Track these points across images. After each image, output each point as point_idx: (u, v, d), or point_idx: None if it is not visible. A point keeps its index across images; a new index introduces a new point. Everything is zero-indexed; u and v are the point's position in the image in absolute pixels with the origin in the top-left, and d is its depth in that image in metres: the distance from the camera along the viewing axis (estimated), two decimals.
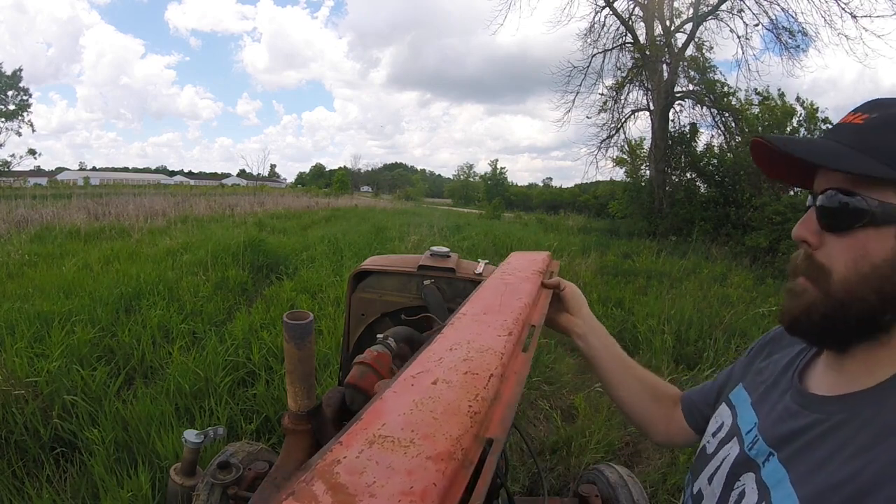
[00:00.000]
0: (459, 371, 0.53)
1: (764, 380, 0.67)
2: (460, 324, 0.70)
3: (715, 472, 0.63)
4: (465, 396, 0.47)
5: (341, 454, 0.38)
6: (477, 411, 0.45)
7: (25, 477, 2.06)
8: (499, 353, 0.59)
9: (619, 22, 14.67)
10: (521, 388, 0.55)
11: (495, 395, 0.50)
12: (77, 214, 10.88)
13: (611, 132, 15.60)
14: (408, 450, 0.39)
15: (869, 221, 0.48)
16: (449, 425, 0.43)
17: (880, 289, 0.48)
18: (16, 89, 31.64)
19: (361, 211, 21.15)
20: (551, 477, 2.35)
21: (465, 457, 0.40)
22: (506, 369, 0.56)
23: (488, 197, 39.22)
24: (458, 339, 0.63)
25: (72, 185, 37.88)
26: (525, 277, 0.95)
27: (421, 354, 0.59)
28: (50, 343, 3.06)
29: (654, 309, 4.92)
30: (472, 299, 0.83)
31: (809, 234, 0.54)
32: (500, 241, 10.01)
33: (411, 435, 0.41)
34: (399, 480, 0.35)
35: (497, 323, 0.69)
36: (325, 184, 67.99)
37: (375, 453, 0.38)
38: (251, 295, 5.03)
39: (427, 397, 0.47)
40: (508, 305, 0.78)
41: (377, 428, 0.42)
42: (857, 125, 0.51)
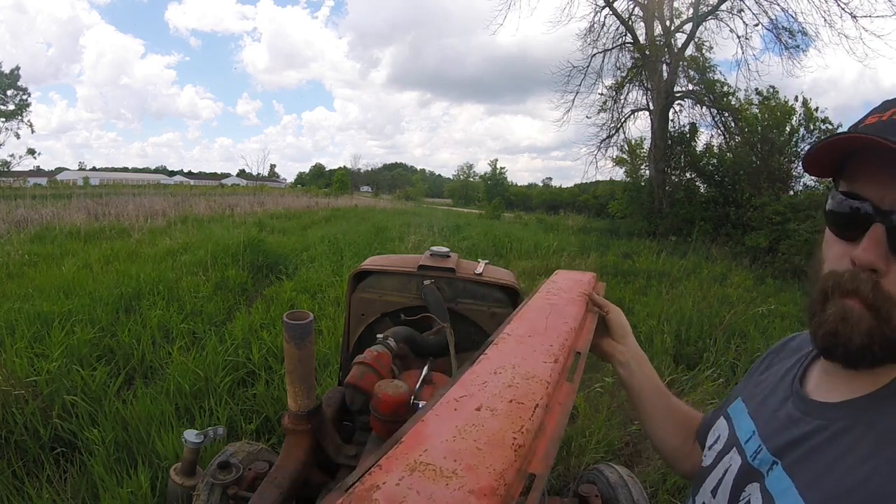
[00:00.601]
0: (504, 398, 0.52)
1: (761, 390, 0.66)
2: (505, 345, 0.68)
3: (718, 484, 0.62)
4: (510, 427, 0.46)
5: (381, 479, 0.37)
6: (521, 444, 0.44)
7: (25, 477, 2.06)
8: (545, 381, 0.57)
9: (618, 22, 14.67)
10: (565, 421, 0.53)
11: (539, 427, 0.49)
12: (77, 214, 10.87)
13: (610, 132, 15.61)
14: (450, 481, 0.37)
15: None
16: (493, 457, 0.41)
17: None
18: (15, 89, 31.63)
19: (361, 211, 21.14)
20: (551, 477, 2.35)
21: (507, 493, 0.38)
22: (551, 399, 0.55)
23: (488, 197, 39.22)
24: (503, 362, 0.61)
25: (71, 185, 37.83)
26: (571, 299, 0.92)
27: (464, 375, 0.57)
28: (50, 343, 3.06)
29: (655, 309, 4.92)
30: (517, 318, 0.81)
31: (879, 259, 0.46)
32: (499, 241, 10.01)
33: (454, 465, 0.39)
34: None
35: (543, 348, 0.67)
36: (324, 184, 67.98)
37: (416, 482, 0.37)
38: (251, 295, 5.03)
39: (471, 424, 0.46)
40: (554, 329, 0.76)
41: (418, 454, 0.41)
42: None
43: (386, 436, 0.87)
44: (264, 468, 1.33)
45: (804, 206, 10.07)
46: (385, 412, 0.91)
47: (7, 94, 31.23)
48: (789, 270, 8.79)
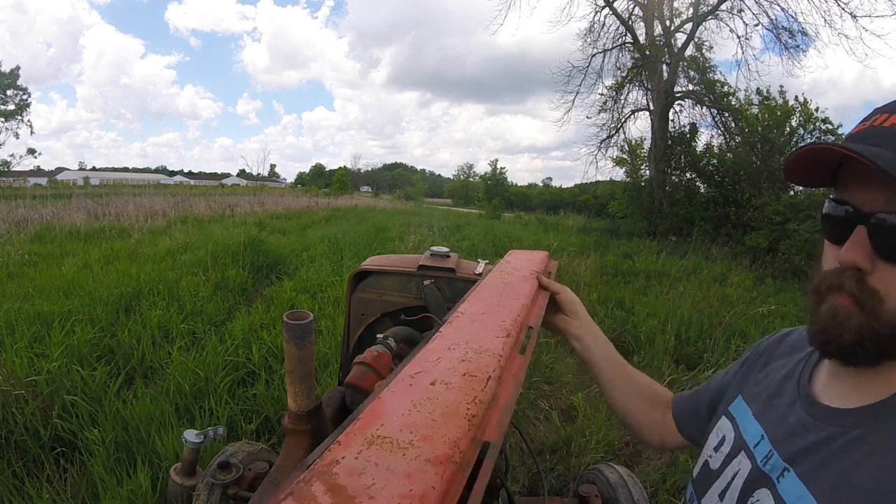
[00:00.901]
0: (458, 372, 0.53)
1: (763, 389, 0.65)
2: (459, 323, 0.70)
3: (726, 488, 0.61)
4: (464, 399, 0.47)
5: (340, 454, 0.38)
6: (475, 414, 0.45)
7: (25, 477, 2.06)
8: (497, 354, 0.59)
9: (618, 22, 14.68)
10: (517, 392, 0.55)
11: (493, 398, 0.50)
12: (77, 214, 10.87)
13: (611, 132, 15.62)
14: (406, 452, 0.39)
15: None
16: (447, 428, 0.43)
17: None
18: (14, 88, 31.63)
19: (361, 211, 21.14)
20: (551, 477, 2.35)
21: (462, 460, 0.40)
22: (503, 372, 0.56)
23: (488, 197, 39.25)
24: (457, 338, 0.63)
25: (71, 185, 37.85)
26: (523, 277, 0.95)
27: (419, 353, 0.59)
28: (50, 343, 3.06)
29: (655, 309, 4.92)
30: (471, 298, 0.83)
31: (862, 259, 0.48)
32: (499, 241, 10.01)
33: (410, 437, 0.41)
34: (398, 483, 0.35)
35: (495, 324, 0.69)
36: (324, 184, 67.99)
37: (374, 454, 0.38)
38: (251, 295, 5.03)
39: (425, 398, 0.47)
40: (507, 306, 0.78)
41: (376, 428, 0.42)
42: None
43: None
44: (264, 468, 1.33)
45: (804, 206, 10.07)
46: None
47: (7, 93, 31.22)
48: (789, 270, 8.79)
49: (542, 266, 1.06)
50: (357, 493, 0.34)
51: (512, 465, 2.26)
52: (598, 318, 4.59)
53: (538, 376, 3.34)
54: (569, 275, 6.64)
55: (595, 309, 4.88)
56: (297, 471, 0.37)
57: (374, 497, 0.34)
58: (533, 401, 3.07)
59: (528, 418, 2.88)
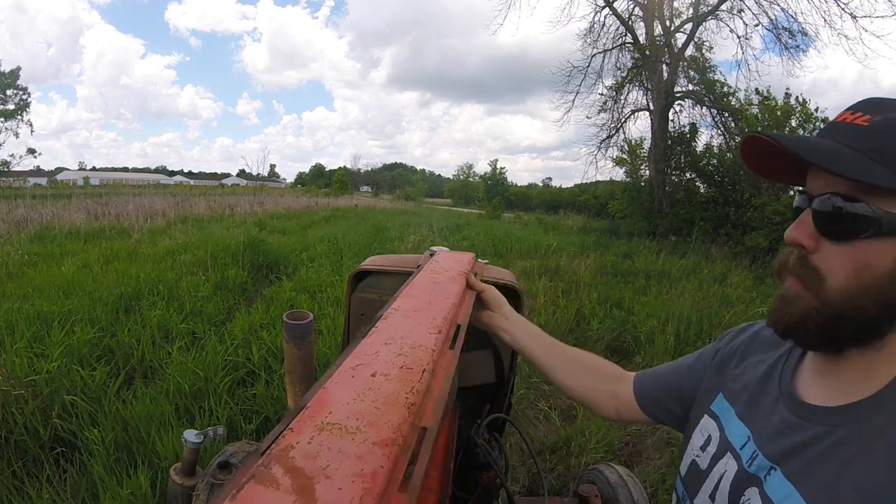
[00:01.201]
0: (396, 365, 0.58)
1: (744, 387, 0.66)
2: (393, 319, 0.75)
3: (715, 489, 0.62)
4: (403, 389, 0.52)
5: (294, 440, 0.41)
6: (413, 402, 0.49)
7: (25, 477, 2.06)
8: (430, 349, 0.63)
9: (618, 22, 14.68)
10: (449, 382, 0.60)
11: (427, 389, 0.55)
12: (77, 214, 10.88)
13: (611, 132, 15.61)
14: (355, 436, 0.42)
15: (874, 232, 0.47)
16: (389, 415, 0.46)
17: (879, 299, 0.47)
18: (14, 88, 31.63)
19: (361, 211, 21.15)
20: (551, 477, 2.35)
21: (404, 443, 0.44)
22: (436, 365, 0.61)
23: (488, 197, 39.26)
24: (393, 334, 0.68)
25: (71, 185, 37.83)
26: (452, 278, 1.01)
27: (358, 347, 0.63)
28: (49, 343, 3.06)
29: (655, 309, 4.92)
30: (403, 295, 0.88)
31: (805, 237, 0.51)
32: (499, 241, 10.01)
33: (357, 423, 0.44)
34: (350, 464, 0.39)
35: (427, 321, 0.74)
36: (324, 184, 67.98)
37: (326, 439, 0.41)
38: (251, 295, 5.03)
39: (368, 388, 0.51)
40: (437, 304, 0.83)
41: (325, 416, 0.45)
42: (860, 127, 0.49)
43: None
44: None
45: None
46: None
47: (7, 93, 31.22)
48: None
49: (469, 267, 1.12)
50: (315, 474, 0.37)
51: (512, 465, 2.26)
52: (598, 319, 4.59)
53: (538, 377, 3.34)
54: (569, 275, 6.64)
55: (595, 309, 4.88)
56: (255, 456, 0.40)
57: (330, 476, 0.37)
58: (533, 401, 3.07)
59: (528, 418, 2.88)
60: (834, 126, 0.51)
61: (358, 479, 0.37)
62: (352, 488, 0.36)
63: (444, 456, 0.89)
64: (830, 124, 0.52)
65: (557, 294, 5.33)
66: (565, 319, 4.55)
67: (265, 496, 0.35)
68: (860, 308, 0.48)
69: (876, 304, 0.48)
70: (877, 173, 0.46)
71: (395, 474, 0.40)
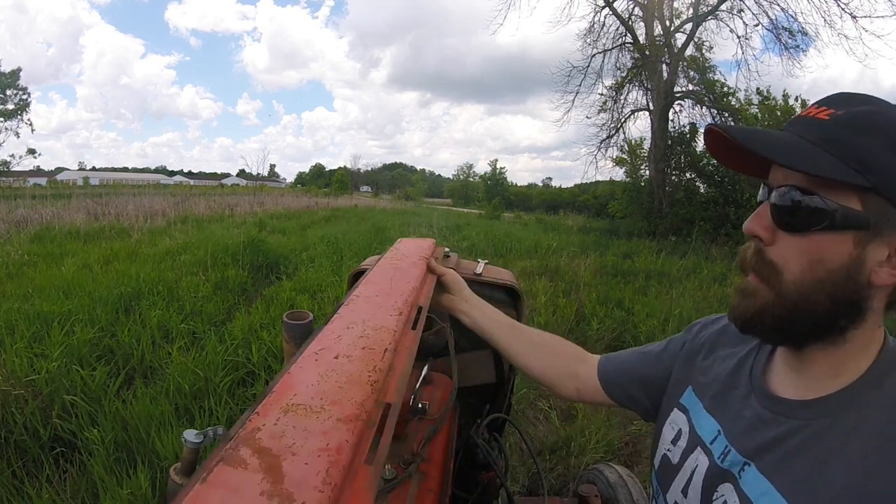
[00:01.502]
0: (358, 347, 0.59)
1: (712, 380, 0.65)
2: (355, 305, 0.76)
3: (688, 484, 0.62)
4: (365, 368, 0.53)
5: (260, 423, 0.42)
6: (376, 380, 0.51)
7: (25, 477, 2.06)
8: (392, 330, 0.65)
9: (618, 22, 14.67)
10: (411, 361, 0.62)
11: (390, 367, 0.56)
12: (76, 214, 10.88)
13: (610, 132, 15.60)
14: (320, 415, 0.43)
15: (828, 225, 0.47)
16: (353, 392, 0.48)
17: (834, 294, 0.48)
18: (14, 88, 31.62)
19: (361, 211, 21.15)
20: (551, 477, 2.34)
21: (369, 419, 0.45)
22: (398, 345, 0.63)
23: (488, 197, 39.23)
24: (355, 318, 0.69)
25: (71, 185, 37.82)
26: (413, 263, 1.03)
27: (321, 333, 0.64)
28: (49, 343, 3.06)
29: (655, 309, 4.92)
30: (365, 282, 0.90)
31: (762, 229, 0.52)
32: (499, 241, 10.00)
33: (321, 402, 0.46)
34: (316, 440, 0.40)
35: (388, 304, 0.76)
36: (324, 184, 67.97)
37: (291, 420, 0.43)
38: (251, 295, 5.03)
39: (331, 370, 0.52)
40: (398, 288, 0.84)
41: (289, 398, 0.46)
42: (821, 121, 0.49)
43: None
44: None
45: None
46: None
47: (7, 93, 31.22)
48: None
49: (429, 252, 1.14)
50: (281, 452, 0.38)
51: (512, 465, 2.26)
52: (599, 318, 4.59)
53: None
54: (569, 275, 6.64)
55: (595, 309, 4.88)
56: (222, 442, 0.41)
57: (296, 453, 0.38)
58: (533, 401, 3.07)
59: (528, 418, 2.88)
60: (798, 120, 0.52)
61: (323, 453, 0.38)
62: (318, 463, 0.37)
63: (443, 456, 0.89)
64: (796, 118, 0.52)
65: (557, 294, 5.33)
66: (565, 319, 4.55)
67: (234, 476, 0.36)
68: (814, 302, 0.48)
69: (830, 299, 0.48)
70: (828, 165, 0.46)
71: (361, 447, 0.42)
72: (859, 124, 0.47)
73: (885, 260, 0.47)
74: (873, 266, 0.47)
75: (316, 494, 0.35)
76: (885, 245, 0.47)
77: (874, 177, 0.45)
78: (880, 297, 0.49)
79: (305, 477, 0.36)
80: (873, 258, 0.47)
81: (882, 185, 0.45)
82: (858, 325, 0.49)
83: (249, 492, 0.35)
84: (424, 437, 0.87)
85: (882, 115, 0.47)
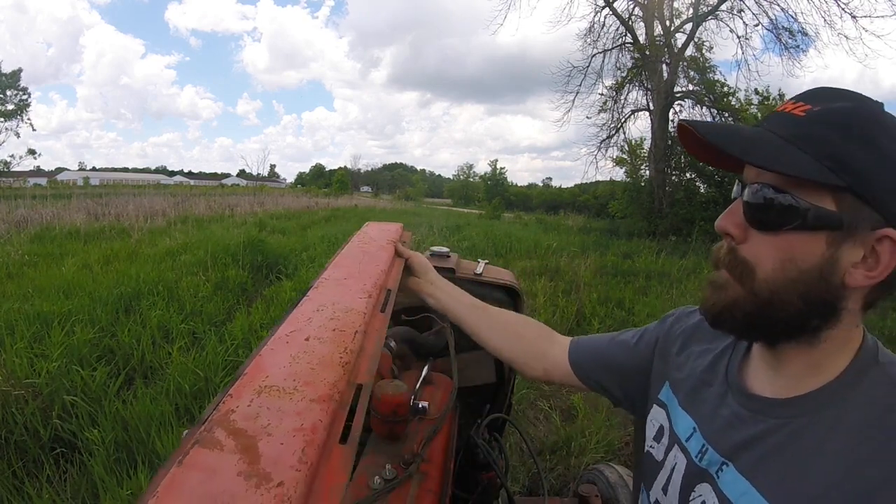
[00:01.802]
0: (329, 329, 0.59)
1: (687, 376, 0.64)
2: (324, 288, 0.77)
3: (668, 482, 0.61)
4: (336, 350, 0.53)
5: (234, 405, 0.43)
6: (347, 361, 0.51)
7: (25, 477, 2.06)
8: (361, 312, 0.66)
9: (618, 22, 14.67)
10: (381, 343, 0.63)
11: (361, 349, 0.57)
12: (77, 214, 10.87)
13: (611, 132, 15.60)
14: (293, 396, 0.44)
15: (800, 225, 0.46)
16: (325, 373, 0.48)
17: (806, 294, 0.47)
18: (15, 89, 31.63)
19: (361, 211, 21.15)
20: (551, 477, 2.34)
21: (341, 399, 0.46)
22: (368, 327, 0.64)
23: (488, 197, 39.18)
24: (324, 300, 0.69)
25: (71, 186, 37.83)
26: (381, 246, 1.04)
27: (291, 315, 0.64)
28: (50, 343, 3.06)
29: (655, 309, 4.92)
30: (333, 265, 0.91)
31: (734, 227, 0.51)
32: (499, 241, 10.00)
33: (294, 384, 0.46)
34: (290, 420, 0.40)
35: (357, 287, 0.77)
36: (324, 184, 67.91)
37: (265, 401, 0.43)
38: (251, 295, 5.03)
39: (302, 352, 0.53)
40: (367, 271, 0.85)
41: (262, 380, 0.47)
42: (797, 117, 0.47)
43: (386, 435, 0.88)
44: None
45: None
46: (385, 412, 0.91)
47: (7, 94, 31.22)
48: None
49: (396, 236, 1.15)
50: (256, 433, 0.38)
51: (512, 465, 2.26)
52: (599, 318, 4.59)
53: None
54: (569, 275, 6.64)
55: (595, 309, 4.88)
56: (197, 424, 0.41)
57: (271, 434, 0.38)
58: (533, 401, 3.07)
59: (528, 418, 2.88)
60: (774, 115, 0.50)
61: (298, 433, 0.39)
62: (293, 442, 0.38)
63: (444, 456, 0.89)
64: (772, 113, 0.51)
65: (558, 294, 5.33)
66: (565, 319, 4.55)
67: (211, 458, 0.36)
68: (786, 301, 0.48)
69: (802, 299, 0.47)
70: (801, 164, 0.45)
71: (335, 427, 0.42)
72: (835, 121, 0.45)
73: (860, 261, 0.45)
74: (847, 267, 0.46)
75: (293, 473, 0.35)
76: (859, 245, 0.45)
77: (849, 176, 0.44)
78: (855, 298, 0.47)
79: (281, 456, 0.36)
80: (847, 259, 0.45)
81: (857, 184, 0.44)
82: (833, 326, 0.48)
83: (227, 472, 0.35)
84: (425, 437, 0.87)
85: (859, 111, 0.45)
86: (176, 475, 0.35)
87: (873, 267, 0.45)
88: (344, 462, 0.40)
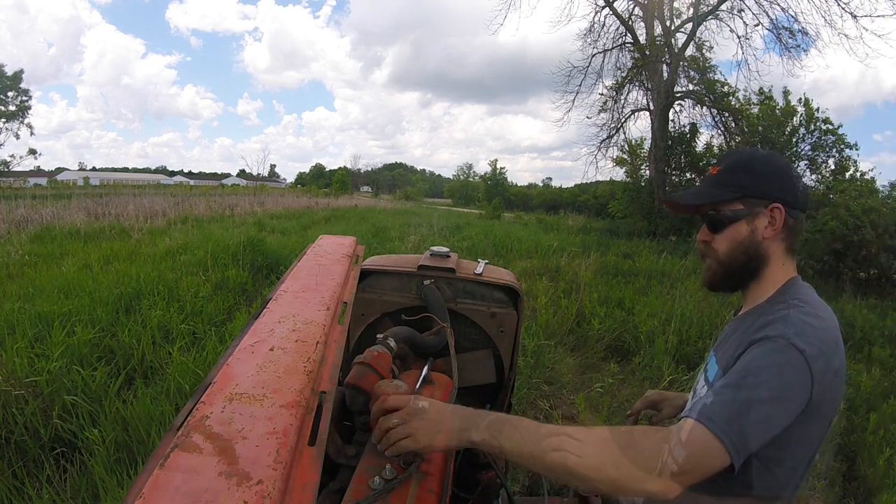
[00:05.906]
0: (291, 339, 0.63)
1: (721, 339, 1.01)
2: (284, 300, 0.80)
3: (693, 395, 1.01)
4: (300, 359, 0.57)
5: (207, 411, 0.45)
6: (311, 370, 0.55)
7: (25, 477, 2.06)
8: (321, 324, 0.69)
9: (619, 22, 14.68)
10: (341, 353, 0.67)
11: (322, 358, 0.60)
12: (77, 214, 10.88)
13: (611, 132, 15.61)
14: (263, 402, 0.47)
15: (729, 221, 0.88)
16: (291, 381, 0.51)
17: (745, 252, 0.88)
18: (16, 90, 31.63)
19: (361, 211, 21.15)
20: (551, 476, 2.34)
21: (308, 405, 0.49)
22: (328, 338, 0.67)
23: (488, 197, 39.16)
24: (285, 312, 0.73)
25: (72, 186, 37.81)
26: (336, 260, 1.08)
27: (253, 326, 0.67)
28: (50, 343, 3.06)
29: (655, 309, 4.92)
30: (290, 277, 0.93)
31: (704, 235, 0.93)
32: (499, 241, 10.01)
33: (263, 391, 0.49)
34: (263, 425, 0.43)
35: (316, 300, 0.80)
36: (325, 184, 67.90)
37: (237, 407, 0.46)
38: (251, 295, 5.03)
39: (268, 361, 0.56)
40: (324, 284, 0.89)
41: (232, 388, 0.49)
42: (713, 175, 0.92)
43: None
44: None
45: None
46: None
47: (8, 95, 31.22)
48: None
49: (351, 250, 1.19)
50: (232, 437, 0.41)
51: (512, 465, 2.26)
52: (599, 319, 4.59)
53: (538, 377, 3.33)
54: (569, 275, 6.64)
55: (596, 309, 4.88)
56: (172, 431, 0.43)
57: (247, 437, 0.41)
58: (533, 401, 3.07)
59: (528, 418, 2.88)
60: (706, 177, 0.94)
61: (272, 436, 0.42)
62: (267, 445, 0.41)
63: (444, 456, 0.89)
64: (705, 176, 0.94)
65: (558, 294, 5.33)
66: (566, 319, 4.55)
67: (191, 460, 0.38)
68: (738, 261, 0.89)
69: (745, 255, 0.88)
70: (719, 194, 0.89)
71: (304, 431, 0.46)
72: (730, 168, 0.90)
73: (767, 225, 0.87)
74: (761, 230, 0.87)
75: (271, 472, 0.38)
76: (764, 217, 0.87)
77: (743, 189, 0.87)
78: (774, 247, 0.88)
79: (258, 457, 0.39)
80: (760, 226, 0.87)
81: (747, 192, 0.87)
82: (767, 265, 0.88)
83: (208, 473, 0.37)
84: None
85: (740, 158, 0.90)
86: (159, 476, 0.36)
87: (773, 224, 0.86)
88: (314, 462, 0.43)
